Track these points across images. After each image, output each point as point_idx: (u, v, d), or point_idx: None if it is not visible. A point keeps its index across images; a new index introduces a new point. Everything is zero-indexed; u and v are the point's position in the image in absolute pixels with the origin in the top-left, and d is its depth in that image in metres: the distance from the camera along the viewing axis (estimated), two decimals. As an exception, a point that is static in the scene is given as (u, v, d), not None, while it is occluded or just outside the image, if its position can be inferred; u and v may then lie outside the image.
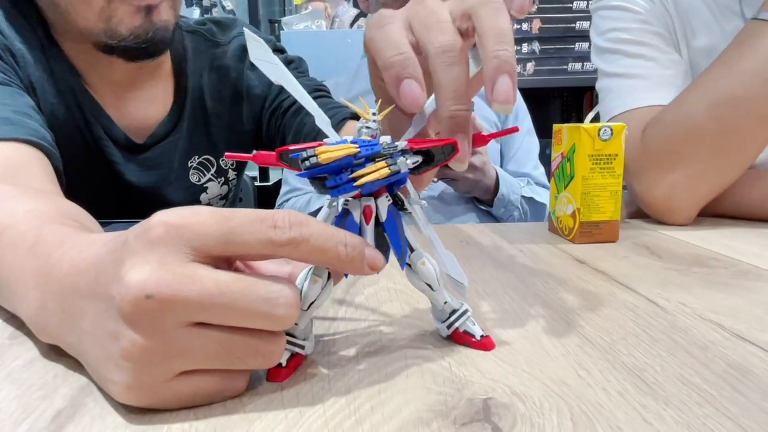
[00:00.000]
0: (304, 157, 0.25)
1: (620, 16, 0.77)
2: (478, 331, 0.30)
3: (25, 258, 0.30)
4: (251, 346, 0.24)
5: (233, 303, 0.22)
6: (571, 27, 1.99)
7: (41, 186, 0.47)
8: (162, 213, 0.23)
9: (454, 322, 0.30)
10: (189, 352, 0.23)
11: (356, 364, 0.28)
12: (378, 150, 0.25)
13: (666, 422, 0.23)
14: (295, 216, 0.23)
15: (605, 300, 0.38)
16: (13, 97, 0.54)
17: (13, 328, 0.34)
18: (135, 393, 0.23)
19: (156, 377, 0.23)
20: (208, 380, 0.24)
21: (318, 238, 0.23)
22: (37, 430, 0.23)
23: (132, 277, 0.22)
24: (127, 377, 0.23)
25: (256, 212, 0.23)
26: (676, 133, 0.64)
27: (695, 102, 0.64)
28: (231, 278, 0.23)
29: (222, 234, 0.23)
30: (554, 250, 0.53)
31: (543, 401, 0.25)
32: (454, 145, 0.27)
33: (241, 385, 0.25)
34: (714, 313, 0.35)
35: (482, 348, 0.30)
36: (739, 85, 0.61)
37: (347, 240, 0.24)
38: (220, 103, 0.74)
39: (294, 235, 0.23)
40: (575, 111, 2.26)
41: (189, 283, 0.22)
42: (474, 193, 1.08)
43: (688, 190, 0.64)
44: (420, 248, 0.29)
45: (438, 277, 0.29)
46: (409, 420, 0.23)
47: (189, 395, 0.24)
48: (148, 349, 0.22)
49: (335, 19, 2.00)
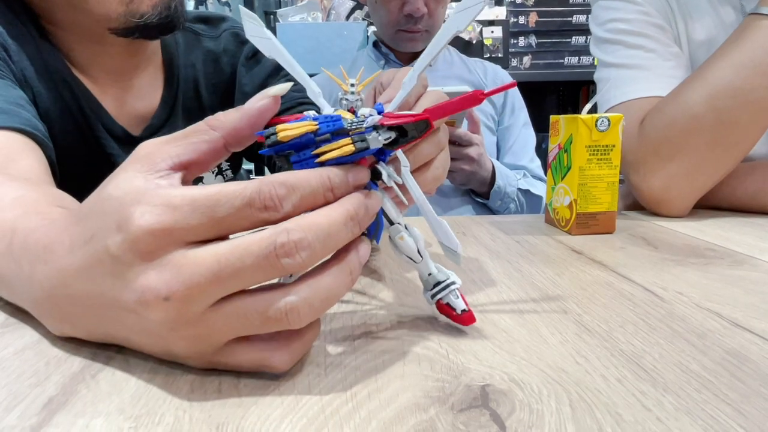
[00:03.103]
0: (266, 134, 0.25)
1: (621, 7, 0.77)
2: (460, 305, 0.30)
3: (5, 257, 0.30)
4: (269, 304, 0.23)
5: (240, 268, 0.22)
6: (567, 21, 1.98)
7: (33, 175, 0.46)
8: (138, 215, 0.22)
9: (437, 293, 0.30)
10: (220, 329, 0.23)
11: (353, 351, 0.28)
12: (340, 126, 0.25)
13: (665, 408, 0.23)
14: (279, 187, 0.23)
15: (602, 289, 0.38)
16: (6, 89, 0.53)
17: (5, 316, 0.34)
18: (191, 362, 0.26)
19: (206, 351, 0.24)
20: (249, 349, 0.24)
21: (306, 197, 0.23)
22: (28, 417, 0.23)
23: (142, 288, 0.22)
24: (184, 354, 0.25)
25: (240, 194, 0.22)
26: (674, 124, 0.64)
27: (694, 93, 0.63)
28: (228, 247, 0.22)
29: (211, 225, 0.22)
30: (551, 241, 0.53)
31: (541, 388, 0.24)
32: (428, 121, 0.26)
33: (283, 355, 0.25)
34: (711, 302, 0.35)
35: (461, 322, 0.30)
36: (737, 77, 0.61)
37: (331, 179, 0.24)
38: (215, 95, 0.74)
39: (286, 210, 0.23)
40: (571, 105, 2.26)
41: (194, 272, 0.22)
42: (470, 185, 1.08)
43: (686, 181, 0.64)
44: (401, 222, 0.29)
45: (420, 250, 0.29)
46: (407, 406, 0.23)
47: (235, 363, 0.25)
48: (191, 335, 0.24)
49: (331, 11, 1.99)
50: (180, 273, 0.22)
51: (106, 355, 0.28)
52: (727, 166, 0.64)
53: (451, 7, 1.90)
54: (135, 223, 0.22)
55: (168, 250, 0.22)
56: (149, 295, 0.22)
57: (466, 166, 1.01)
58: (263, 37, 0.27)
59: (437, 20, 1.20)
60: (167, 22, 0.60)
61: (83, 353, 0.28)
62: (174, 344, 0.25)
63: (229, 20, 0.78)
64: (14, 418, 0.22)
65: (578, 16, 1.98)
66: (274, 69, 0.75)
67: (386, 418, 0.22)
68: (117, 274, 0.23)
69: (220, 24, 0.76)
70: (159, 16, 0.59)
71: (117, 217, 0.23)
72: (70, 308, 0.27)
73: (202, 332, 0.23)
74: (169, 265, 0.22)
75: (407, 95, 0.28)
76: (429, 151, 0.33)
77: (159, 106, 0.70)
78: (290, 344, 0.25)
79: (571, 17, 1.99)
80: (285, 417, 0.22)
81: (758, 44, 0.61)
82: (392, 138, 0.26)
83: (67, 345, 0.29)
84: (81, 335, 0.29)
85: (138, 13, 0.58)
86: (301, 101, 0.74)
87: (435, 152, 0.33)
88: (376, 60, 1.28)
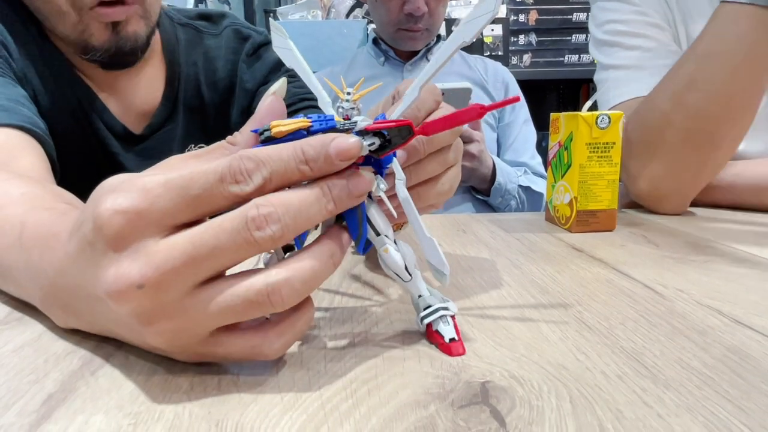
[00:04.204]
0: (261, 131, 0.25)
1: (618, 8, 0.77)
2: (450, 332, 0.27)
3: (14, 249, 0.31)
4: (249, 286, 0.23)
5: (215, 246, 0.22)
6: (568, 19, 1.98)
7: (34, 172, 0.46)
8: (109, 198, 0.22)
9: (425, 317, 0.28)
10: (201, 318, 0.23)
11: (353, 348, 0.28)
12: (332, 125, 0.25)
13: (666, 405, 0.23)
14: (249, 160, 0.22)
15: (603, 286, 0.38)
16: (6, 87, 0.54)
17: (6, 312, 0.34)
18: (177, 356, 0.25)
19: (189, 343, 0.24)
20: (237, 337, 0.24)
21: (278, 170, 0.23)
22: (27, 413, 0.22)
23: (114, 277, 0.22)
24: (165, 349, 0.25)
25: (213, 171, 0.22)
26: (648, 123, 0.63)
27: (661, 92, 0.63)
28: (201, 228, 0.22)
29: (186, 205, 0.22)
30: (551, 239, 0.53)
31: (542, 384, 0.24)
32: (410, 127, 0.26)
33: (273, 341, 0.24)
34: (712, 299, 0.35)
35: (448, 352, 0.27)
36: (698, 69, 0.59)
37: (305, 151, 0.23)
38: (216, 92, 0.74)
39: (258, 182, 0.22)
40: (572, 103, 2.25)
41: (168, 256, 0.22)
42: (471, 182, 1.07)
43: (670, 180, 0.63)
44: (389, 234, 0.27)
45: (409, 268, 0.27)
46: (407, 403, 0.23)
47: (224, 353, 0.24)
48: (169, 330, 0.23)
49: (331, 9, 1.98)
50: (153, 259, 0.22)
51: (105, 352, 0.28)
52: (710, 161, 0.63)
53: (452, 6, 1.90)
54: (104, 206, 0.22)
55: (141, 237, 0.22)
56: (122, 283, 0.22)
57: (467, 163, 1.01)
58: (286, 48, 0.28)
59: (437, 19, 1.20)
60: (115, 59, 0.61)
61: (83, 350, 0.28)
62: (152, 339, 0.24)
63: (230, 17, 0.77)
64: (13, 415, 0.22)
65: (578, 14, 1.98)
66: (275, 65, 0.75)
67: (386, 414, 0.22)
68: (93, 262, 0.23)
69: (221, 21, 0.76)
70: (107, 53, 0.60)
71: (95, 204, 0.23)
72: (70, 298, 0.27)
73: (180, 325, 0.23)
74: (142, 252, 0.22)
75: (407, 107, 0.27)
76: (432, 168, 0.32)
77: (160, 104, 0.70)
78: (280, 331, 0.24)
79: (572, 15, 1.99)
80: (285, 413, 0.22)
81: (717, 32, 0.58)
82: (377, 144, 0.25)
83: (66, 342, 0.29)
84: (84, 327, 0.29)
85: (89, 46, 0.59)
86: (303, 97, 0.74)
87: (439, 170, 0.33)
88: (375, 57, 1.27)
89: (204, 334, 0.24)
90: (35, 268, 0.29)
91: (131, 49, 0.60)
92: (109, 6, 0.56)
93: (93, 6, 0.56)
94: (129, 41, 0.60)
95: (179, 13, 0.75)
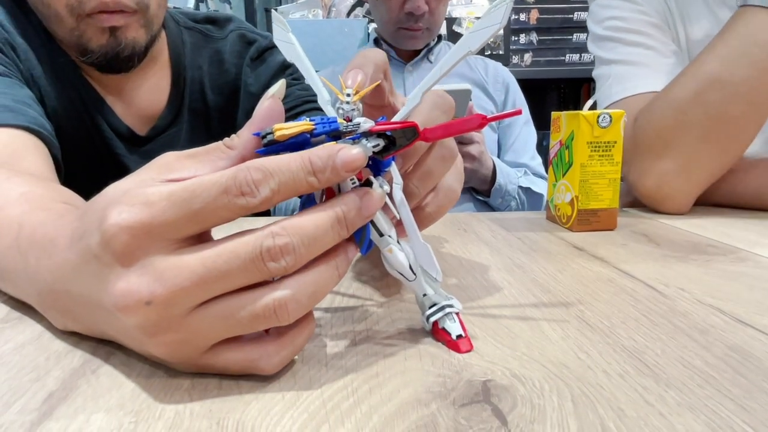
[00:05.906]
0: (263, 134, 0.24)
1: (619, 5, 0.77)
2: (457, 329, 0.28)
3: (11, 251, 0.30)
4: (255, 300, 0.23)
5: (227, 271, 0.22)
6: (568, 18, 1.98)
7: (38, 173, 0.46)
8: (113, 213, 0.22)
9: (431, 315, 0.28)
10: (205, 331, 0.23)
11: (354, 347, 0.28)
12: (336, 128, 0.24)
13: (667, 403, 0.23)
14: (257, 171, 0.22)
15: (604, 285, 0.38)
16: (13, 88, 0.54)
17: (6, 311, 0.33)
18: (175, 367, 0.25)
19: (191, 355, 0.24)
20: (236, 351, 0.24)
21: (287, 182, 0.22)
22: (28, 411, 0.22)
23: (122, 292, 0.22)
24: (165, 359, 0.25)
25: (216, 182, 0.22)
26: (664, 120, 0.64)
27: (681, 89, 0.63)
28: (214, 251, 0.22)
29: (190, 219, 0.22)
30: (552, 238, 0.53)
31: (543, 383, 0.24)
32: (415, 129, 0.25)
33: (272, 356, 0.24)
34: (713, 298, 0.35)
35: (456, 349, 0.27)
36: (723, 69, 0.60)
37: (312, 162, 0.22)
38: (221, 96, 0.74)
39: (266, 194, 0.22)
40: (573, 102, 2.25)
41: (178, 275, 0.21)
42: (471, 183, 1.07)
43: (680, 178, 0.63)
44: (392, 234, 0.27)
45: (413, 267, 0.28)
46: (408, 401, 0.23)
47: (222, 366, 0.24)
48: (172, 341, 0.23)
49: (332, 8, 1.98)
50: (163, 276, 0.21)
51: (106, 351, 0.28)
52: (723, 161, 0.63)
53: (452, 6, 1.90)
54: (110, 221, 0.22)
55: (148, 252, 0.22)
56: (130, 299, 0.22)
57: (467, 164, 1.01)
58: (287, 42, 0.27)
59: (438, 18, 1.20)
60: (113, 64, 0.61)
61: (83, 349, 0.28)
62: (155, 350, 0.24)
63: (235, 21, 0.78)
64: (14, 413, 0.22)
65: (579, 13, 1.98)
66: (279, 68, 0.75)
67: (387, 413, 0.22)
68: (100, 276, 0.23)
69: (227, 25, 0.76)
70: (105, 58, 0.60)
71: (99, 215, 0.23)
72: (69, 303, 0.27)
73: (184, 337, 0.23)
74: (151, 268, 0.22)
75: (408, 112, 0.27)
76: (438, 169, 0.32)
77: (165, 107, 0.70)
78: (280, 346, 0.24)
79: (572, 14, 1.99)
80: (286, 412, 0.22)
81: (744, 35, 0.59)
82: (381, 145, 0.25)
83: (67, 341, 0.29)
84: (82, 330, 0.29)
85: (87, 50, 0.59)
86: (307, 99, 0.74)
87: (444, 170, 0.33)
88: (376, 57, 1.27)
89: (205, 347, 0.24)
90: (32, 271, 0.29)
91: (129, 54, 0.61)
92: (110, 13, 0.57)
93: (92, 13, 0.56)
94: (127, 47, 0.60)
95: (185, 16, 0.75)
